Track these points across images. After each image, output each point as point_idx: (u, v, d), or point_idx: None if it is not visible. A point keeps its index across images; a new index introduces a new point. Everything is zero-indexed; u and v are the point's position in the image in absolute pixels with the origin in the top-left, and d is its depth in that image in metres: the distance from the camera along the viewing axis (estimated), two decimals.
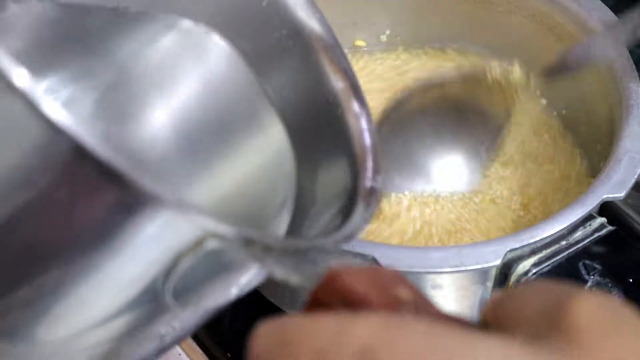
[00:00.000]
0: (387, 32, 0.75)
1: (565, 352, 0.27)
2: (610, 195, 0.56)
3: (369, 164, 0.41)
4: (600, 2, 0.66)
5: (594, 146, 0.67)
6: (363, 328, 0.28)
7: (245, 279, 0.35)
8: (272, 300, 0.61)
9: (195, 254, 0.32)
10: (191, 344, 0.64)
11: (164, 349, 0.37)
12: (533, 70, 0.66)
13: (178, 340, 0.37)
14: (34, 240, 0.32)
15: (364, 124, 0.43)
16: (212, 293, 0.35)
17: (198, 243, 0.32)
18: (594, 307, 0.27)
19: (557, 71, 0.62)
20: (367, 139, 0.42)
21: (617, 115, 0.62)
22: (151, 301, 0.34)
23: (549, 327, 0.27)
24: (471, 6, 0.71)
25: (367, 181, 0.40)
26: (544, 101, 0.71)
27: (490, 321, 0.30)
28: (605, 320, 0.27)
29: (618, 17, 0.64)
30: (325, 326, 0.28)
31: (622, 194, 0.56)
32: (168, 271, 0.33)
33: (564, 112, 0.70)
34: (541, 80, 0.64)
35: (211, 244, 0.32)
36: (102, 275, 0.32)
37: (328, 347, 0.28)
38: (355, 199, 0.39)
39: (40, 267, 0.32)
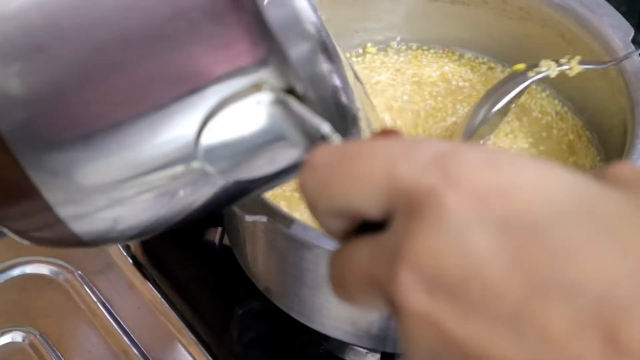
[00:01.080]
0: (398, 38, 0.75)
1: (616, 187, 0.29)
2: None
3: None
4: (612, 8, 0.65)
5: (610, 149, 0.67)
6: (435, 143, 0.29)
7: (280, 153, 0.35)
8: (283, 308, 0.61)
9: (243, 101, 0.33)
10: (201, 352, 0.64)
11: (192, 216, 0.38)
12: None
13: (207, 210, 0.37)
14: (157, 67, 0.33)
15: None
16: (245, 162, 0.35)
17: (256, 87, 0.33)
18: (629, 165, 0.31)
19: None
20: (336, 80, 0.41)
21: (630, 121, 0.62)
22: (187, 158, 0.34)
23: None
24: (483, 13, 0.71)
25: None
26: (559, 104, 0.71)
27: None
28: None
29: (629, 22, 0.64)
30: (397, 142, 0.30)
31: None
32: (209, 115, 0.33)
33: (580, 116, 0.70)
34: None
35: (265, 95, 0.32)
36: (160, 112, 0.33)
37: (402, 152, 0.29)
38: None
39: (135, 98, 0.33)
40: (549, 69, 0.64)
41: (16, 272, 0.68)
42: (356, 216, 0.31)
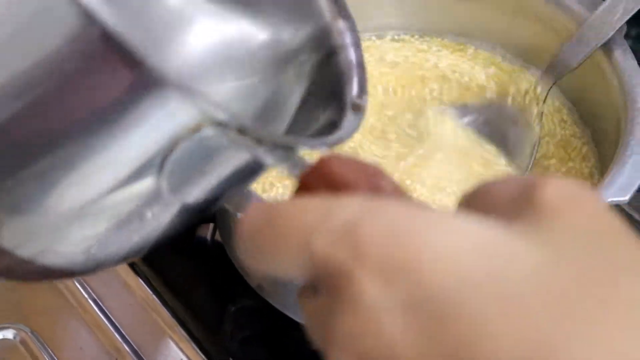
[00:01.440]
0: (401, 34, 0.74)
1: (534, 226, 0.29)
2: (615, 199, 0.56)
3: (354, 79, 0.42)
4: None
5: (604, 147, 0.67)
6: (348, 205, 0.29)
7: (235, 172, 0.35)
8: (276, 305, 0.61)
9: (192, 139, 0.33)
10: (194, 349, 0.64)
11: (149, 245, 0.38)
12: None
13: (167, 233, 0.38)
14: (48, 118, 0.33)
15: (348, 39, 0.43)
16: (203, 184, 0.35)
17: (195, 129, 0.32)
18: (560, 185, 0.30)
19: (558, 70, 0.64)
20: (352, 55, 0.43)
21: (623, 117, 0.62)
22: (147, 185, 0.34)
23: (519, 208, 0.29)
24: (478, 6, 0.71)
25: (353, 96, 0.41)
26: (556, 102, 0.71)
27: (465, 212, 0.31)
28: (570, 196, 0.29)
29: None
30: (314, 205, 0.30)
31: (626, 197, 0.56)
32: (165, 155, 0.33)
33: (574, 112, 0.70)
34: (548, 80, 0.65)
35: (208, 131, 0.32)
36: (106, 153, 0.33)
37: (316, 222, 0.29)
38: (343, 112, 0.40)
39: (51, 145, 0.33)
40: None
41: None
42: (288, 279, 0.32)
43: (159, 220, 0.36)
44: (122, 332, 0.65)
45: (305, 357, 0.64)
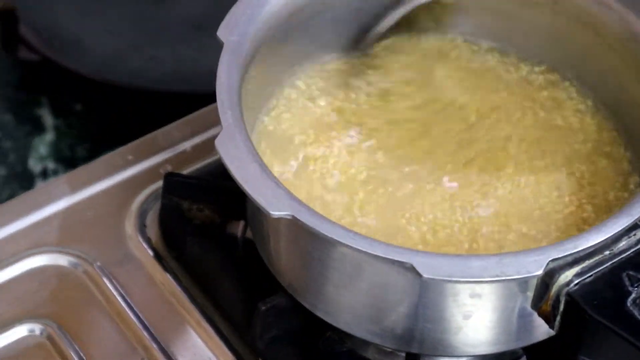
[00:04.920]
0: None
1: None
2: None
3: None
4: None
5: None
6: None
7: None
8: (307, 305, 0.61)
9: None
10: (222, 347, 0.64)
11: None
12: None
13: None
14: None
15: None
16: None
17: None
18: None
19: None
20: None
21: None
22: None
23: None
24: (517, 7, 0.70)
25: None
26: (590, 103, 0.69)
27: None
28: None
29: None
30: None
31: None
32: None
33: (615, 115, 0.68)
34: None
35: None
36: None
37: None
38: None
39: None
40: None
41: (34, 263, 0.67)
42: None
43: None
44: (150, 329, 0.64)
45: (335, 359, 0.63)
